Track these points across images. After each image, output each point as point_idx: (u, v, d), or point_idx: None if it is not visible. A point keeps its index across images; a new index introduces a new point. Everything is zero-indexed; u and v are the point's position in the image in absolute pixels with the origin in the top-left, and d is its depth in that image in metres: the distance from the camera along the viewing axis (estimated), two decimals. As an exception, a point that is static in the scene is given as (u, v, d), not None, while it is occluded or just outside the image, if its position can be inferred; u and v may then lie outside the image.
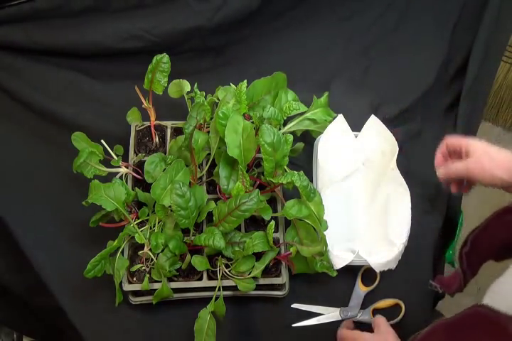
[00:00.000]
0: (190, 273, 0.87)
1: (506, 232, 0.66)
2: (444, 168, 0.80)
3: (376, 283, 0.94)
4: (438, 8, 1.16)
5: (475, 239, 0.69)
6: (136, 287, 0.85)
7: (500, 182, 0.72)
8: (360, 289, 0.92)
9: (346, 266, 0.89)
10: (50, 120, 1.04)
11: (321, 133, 0.98)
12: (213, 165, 0.91)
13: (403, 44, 1.17)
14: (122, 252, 0.86)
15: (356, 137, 1.00)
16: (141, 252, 0.86)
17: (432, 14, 1.17)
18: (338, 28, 1.18)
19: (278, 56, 1.16)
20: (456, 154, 0.82)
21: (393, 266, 0.91)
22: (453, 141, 0.81)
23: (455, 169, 0.78)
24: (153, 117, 0.96)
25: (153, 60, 0.89)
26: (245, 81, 0.92)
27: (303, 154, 1.00)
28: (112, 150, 0.93)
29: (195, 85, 0.93)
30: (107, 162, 0.90)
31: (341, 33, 1.18)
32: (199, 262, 0.84)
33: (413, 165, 1.05)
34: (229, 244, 0.85)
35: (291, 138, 0.87)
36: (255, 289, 0.85)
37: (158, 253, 0.83)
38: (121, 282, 0.84)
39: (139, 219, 0.89)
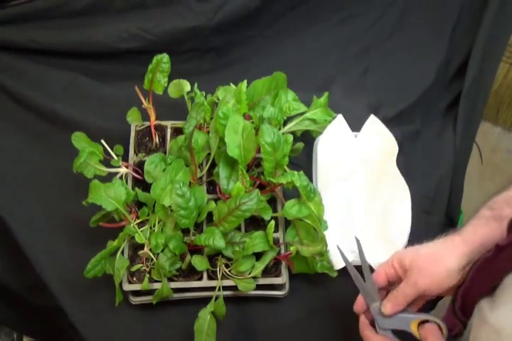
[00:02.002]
0: (190, 273, 0.87)
1: (493, 281, 0.65)
2: (388, 302, 0.72)
3: None
4: (437, 9, 1.16)
5: (464, 294, 0.68)
6: (136, 287, 0.85)
7: (455, 275, 0.70)
8: None
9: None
10: (50, 120, 1.04)
11: (321, 133, 0.98)
12: (213, 165, 0.91)
13: (403, 44, 1.17)
14: (122, 252, 0.86)
15: (356, 137, 1.00)
16: (141, 252, 0.86)
17: (431, 15, 1.17)
18: (338, 29, 1.18)
19: (278, 56, 1.16)
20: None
21: (393, 266, 0.91)
22: (379, 272, 0.75)
23: (400, 293, 0.71)
24: (153, 117, 0.96)
25: (153, 60, 0.89)
26: (245, 81, 0.92)
27: (303, 154, 1.00)
28: (112, 150, 0.93)
29: (195, 85, 0.93)
30: (107, 162, 0.90)
31: (341, 34, 1.18)
32: (199, 262, 0.84)
33: (413, 165, 1.05)
34: (229, 243, 0.85)
35: (291, 138, 0.87)
36: (255, 289, 0.85)
37: (158, 253, 0.84)
38: (121, 282, 0.84)
39: (139, 219, 0.89)
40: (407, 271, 0.71)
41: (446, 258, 0.69)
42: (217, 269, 0.86)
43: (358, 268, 0.93)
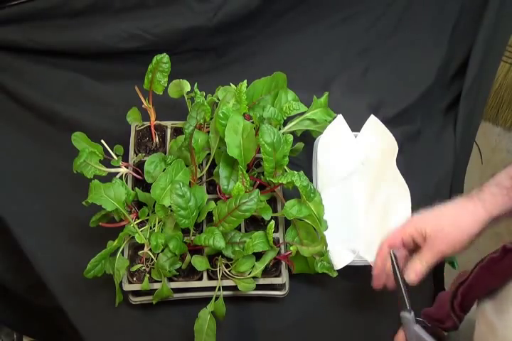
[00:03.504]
0: (190, 273, 0.87)
1: (496, 281, 0.66)
2: (411, 270, 0.73)
3: None
4: (437, 9, 1.16)
5: (465, 292, 0.69)
6: (136, 287, 0.85)
7: (476, 238, 0.72)
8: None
9: (347, 266, 0.89)
10: (50, 120, 1.04)
11: (321, 133, 0.98)
12: (213, 165, 0.91)
13: (403, 44, 1.17)
14: (122, 252, 0.86)
15: (356, 137, 1.00)
16: (141, 252, 0.86)
17: (431, 15, 1.17)
18: (338, 29, 1.18)
19: (278, 56, 1.16)
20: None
21: (393, 266, 0.91)
22: (396, 237, 0.75)
23: (424, 261, 0.73)
24: (153, 117, 0.96)
25: (153, 60, 0.89)
26: (245, 81, 0.92)
27: (303, 154, 1.00)
28: (112, 150, 0.93)
29: (195, 85, 0.93)
30: (107, 162, 0.90)
31: (341, 34, 1.18)
32: (199, 262, 0.84)
33: (413, 165, 1.05)
34: (229, 244, 0.85)
35: (291, 138, 0.87)
36: (255, 289, 0.85)
37: (158, 253, 0.83)
38: (121, 282, 0.84)
39: (139, 219, 0.89)
40: (428, 238, 0.72)
41: (468, 225, 0.71)
42: (217, 269, 0.86)
43: (358, 268, 0.93)
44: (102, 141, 0.92)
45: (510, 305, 0.63)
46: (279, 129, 0.96)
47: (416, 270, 0.73)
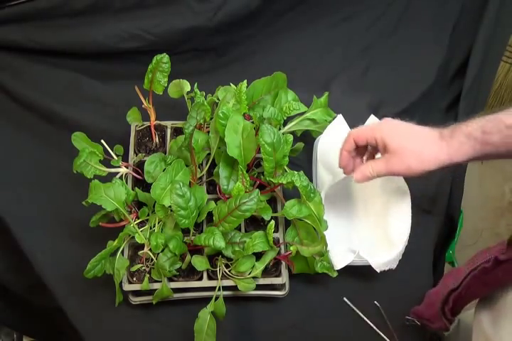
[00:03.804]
0: (190, 273, 0.87)
1: (488, 290, 0.67)
2: (360, 172, 0.80)
3: None
4: (437, 9, 1.16)
5: (457, 299, 0.70)
6: (136, 287, 0.85)
7: (426, 174, 0.75)
8: None
9: (347, 266, 0.89)
10: (50, 120, 1.04)
11: (321, 133, 0.98)
12: (213, 165, 0.91)
13: (403, 44, 1.17)
14: (122, 252, 0.86)
15: (356, 137, 1.00)
16: (141, 252, 0.86)
17: (431, 14, 1.17)
18: (338, 28, 1.18)
19: (278, 56, 1.16)
20: (363, 148, 0.82)
21: (394, 266, 0.91)
22: (361, 135, 0.79)
23: (375, 172, 0.78)
24: (153, 117, 0.96)
25: (153, 60, 0.89)
26: (245, 81, 0.92)
27: (303, 154, 1.00)
28: (112, 150, 0.93)
29: (195, 85, 0.93)
30: (107, 162, 0.90)
31: (341, 33, 1.18)
32: (199, 262, 0.85)
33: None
34: (229, 244, 0.85)
35: (291, 138, 0.87)
36: (255, 289, 0.85)
37: (158, 253, 0.83)
38: (121, 282, 0.84)
39: (139, 219, 0.89)
40: (388, 152, 0.76)
41: (428, 162, 0.75)
42: (217, 269, 0.86)
43: (358, 268, 0.93)
44: (102, 141, 0.92)
45: (508, 319, 0.63)
46: (279, 129, 0.96)
47: (364, 174, 0.79)
